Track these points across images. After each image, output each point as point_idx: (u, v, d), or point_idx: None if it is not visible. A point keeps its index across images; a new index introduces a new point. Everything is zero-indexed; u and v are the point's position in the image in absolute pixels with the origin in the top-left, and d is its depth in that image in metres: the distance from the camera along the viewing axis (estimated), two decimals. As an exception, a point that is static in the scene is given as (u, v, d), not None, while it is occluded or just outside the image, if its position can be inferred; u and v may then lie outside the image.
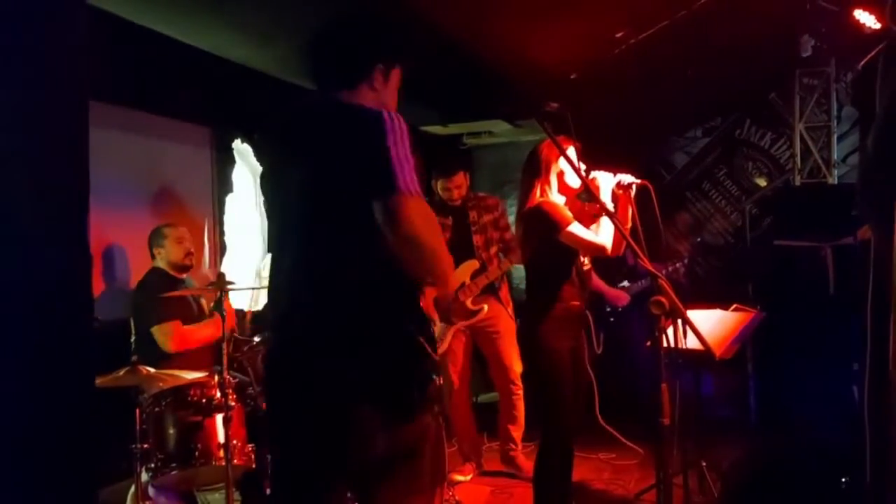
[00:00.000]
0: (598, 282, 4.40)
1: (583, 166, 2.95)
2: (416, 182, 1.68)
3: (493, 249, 4.33)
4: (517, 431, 4.34)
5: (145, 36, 3.69)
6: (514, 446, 4.35)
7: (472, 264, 4.23)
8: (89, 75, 1.14)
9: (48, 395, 1.09)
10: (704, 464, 3.72)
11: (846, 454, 3.15)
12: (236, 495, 3.39)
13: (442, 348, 4.17)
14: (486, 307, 4.22)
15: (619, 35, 4.44)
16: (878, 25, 3.87)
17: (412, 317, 1.83)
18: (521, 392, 4.28)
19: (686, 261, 4.65)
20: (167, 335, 3.50)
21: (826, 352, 4.44)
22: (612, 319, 4.84)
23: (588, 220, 3.10)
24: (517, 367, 4.16)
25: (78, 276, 1.20)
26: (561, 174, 3.10)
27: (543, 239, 3.05)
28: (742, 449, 4.35)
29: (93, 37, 1.17)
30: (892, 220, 1.29)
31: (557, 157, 3.03)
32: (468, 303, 4.19)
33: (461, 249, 4.14)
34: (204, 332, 3.63)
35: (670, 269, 4.53)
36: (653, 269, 2.36)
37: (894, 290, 1.31)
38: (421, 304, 1.86)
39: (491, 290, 4.30)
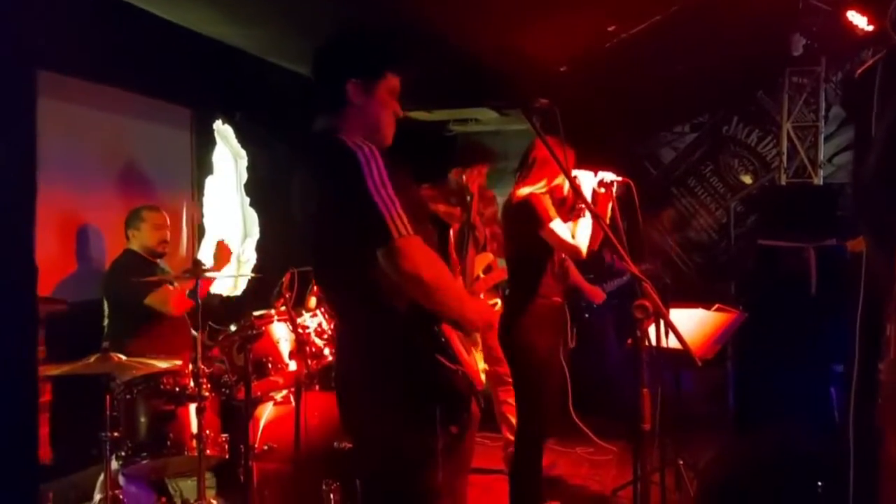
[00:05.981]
0: (576, 276, 4.33)
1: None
2: (407, 222, 1.77)
3: (496, 245, 4.15)
4: (514, 416, 4.21)
5: (126, 11, 3.60)
6: (510, 438, 4.07)
7: (486, 257, 4.06)
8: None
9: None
10: (681, 462, 3.72)
11: (822, 454, 3.15)
12: (211, 482, 3.34)
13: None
14: (499, 302, 4.00)
15: (610, 29, 4.39)
16: (870, 28, 3.84)
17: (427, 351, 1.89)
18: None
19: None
20: (164, 300, 3.45)
21: (805, 352, 4.44)
22: (587, 315, 4.78)
23: (567, 216, 3.09)
24: None
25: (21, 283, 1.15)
26: (551, 171, 3.07)
27: (526, 233, 3.06)
28: (719, 447, 4.35)
29: (72, 12, 1.11)
30: (894, 240, 1.26)
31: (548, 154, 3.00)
32: (481, 297, 3.94)
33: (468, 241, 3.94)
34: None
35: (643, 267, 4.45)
36: (636, 271, 2.32)
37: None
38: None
39: (496, 286, 4.11)
